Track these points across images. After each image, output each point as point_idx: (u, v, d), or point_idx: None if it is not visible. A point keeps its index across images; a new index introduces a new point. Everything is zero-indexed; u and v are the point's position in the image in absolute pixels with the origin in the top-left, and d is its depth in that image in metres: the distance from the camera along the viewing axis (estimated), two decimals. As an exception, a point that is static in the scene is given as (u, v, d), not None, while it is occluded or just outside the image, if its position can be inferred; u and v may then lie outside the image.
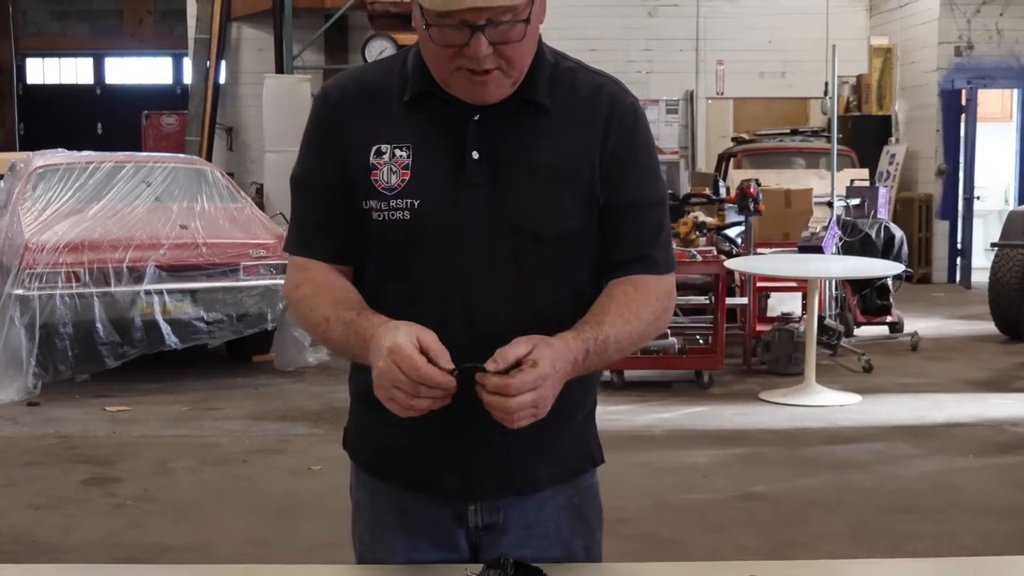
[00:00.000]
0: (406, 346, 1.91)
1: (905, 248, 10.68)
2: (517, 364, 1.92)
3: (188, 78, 16.88)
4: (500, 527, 2.20)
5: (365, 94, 2.16)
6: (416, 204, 2.09)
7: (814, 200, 11.22)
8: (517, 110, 2.10)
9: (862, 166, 14.19)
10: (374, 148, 2.11)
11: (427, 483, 2.19)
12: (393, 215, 2.09)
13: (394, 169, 2.10)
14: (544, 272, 2.12)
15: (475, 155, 2.08)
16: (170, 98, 19.91)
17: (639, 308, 2.12)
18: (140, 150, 15.51)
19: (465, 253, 2.09)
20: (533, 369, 1.92)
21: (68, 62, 21.65)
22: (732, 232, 10.13)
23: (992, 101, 15.57)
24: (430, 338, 1.94)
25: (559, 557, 2.20)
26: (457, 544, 2.21)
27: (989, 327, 10.73)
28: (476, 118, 2.09)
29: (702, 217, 9.79)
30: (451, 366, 1.92)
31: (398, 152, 2.11)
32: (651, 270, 2.17)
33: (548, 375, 1.94)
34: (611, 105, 2.15)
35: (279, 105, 13.97)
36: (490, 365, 1.92)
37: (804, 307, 9.20)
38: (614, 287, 2.15)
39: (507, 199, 2.09)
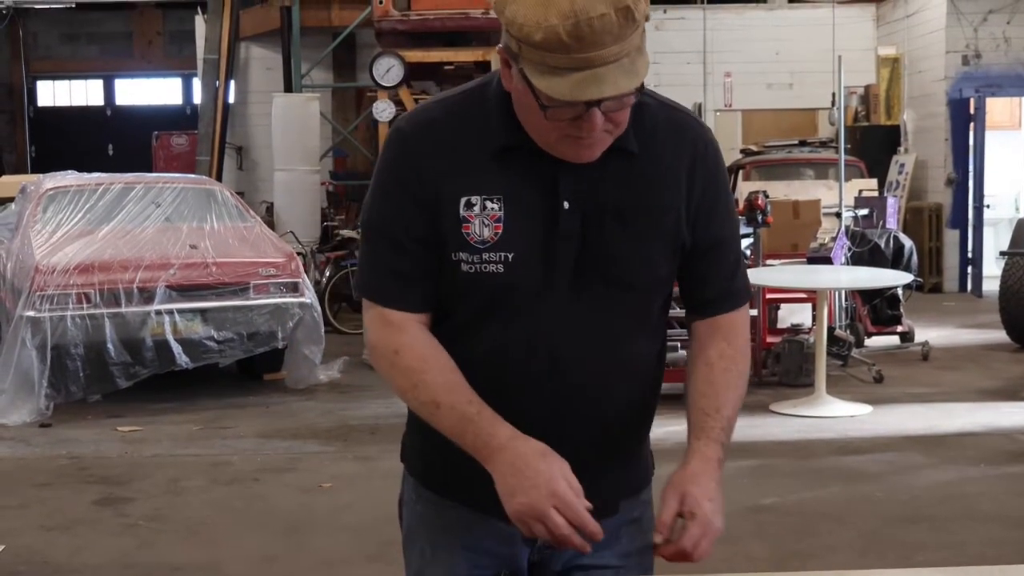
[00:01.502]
0: (567, 493, 1.95)
1: (915, 258, 10.67)
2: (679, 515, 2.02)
3: (198, 98, 16.94)
4: None
5: (446, 140, 2.07)
6: (510, 257, 2.04)
7: (823, 211, 11.22)
8: (606, 157, 2.04)
9: (871, 176, 14.16)
10: (463, 200, 2.05)
11: (500, 510, 2.09)
12: (486, 268, 2.05)
13: (486, 222, 2.04)
14: (629, 318, 2.13)
15: (566, 205, 2.04)
16: (180, 118, 20.00)
17: (739, 364, 2.19)
18: (151, 170, 15.58)
19: (554, 303, 2.07)
20: (694, 521, 2.00)
21: (78, 84, 21.77)
22: (741, 244, 10.12)
23: (1000, 109, 15.55)
24: (572, 477, 1.97)
25: (616, 566, 2.23)
26: (518, 561, 2.22)
27: (1000, 336, 10.71)
28: (566, 168, 2.03)
29: (711, 229, 9.77)
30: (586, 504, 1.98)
31: (489, 204, 2.05)
32: (736, 305, 2.21)
33: (707, 511, 2.01)
34: (694, 146, 2.12)
35: (288, 124, 14.01)
36: (658, 539, 2.00)
37: (814, 318, 9.19)
38: (709, 346, 2.18)
39: (598, 249, 2.06)
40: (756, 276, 8.98)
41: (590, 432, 2.12)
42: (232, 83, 16.21)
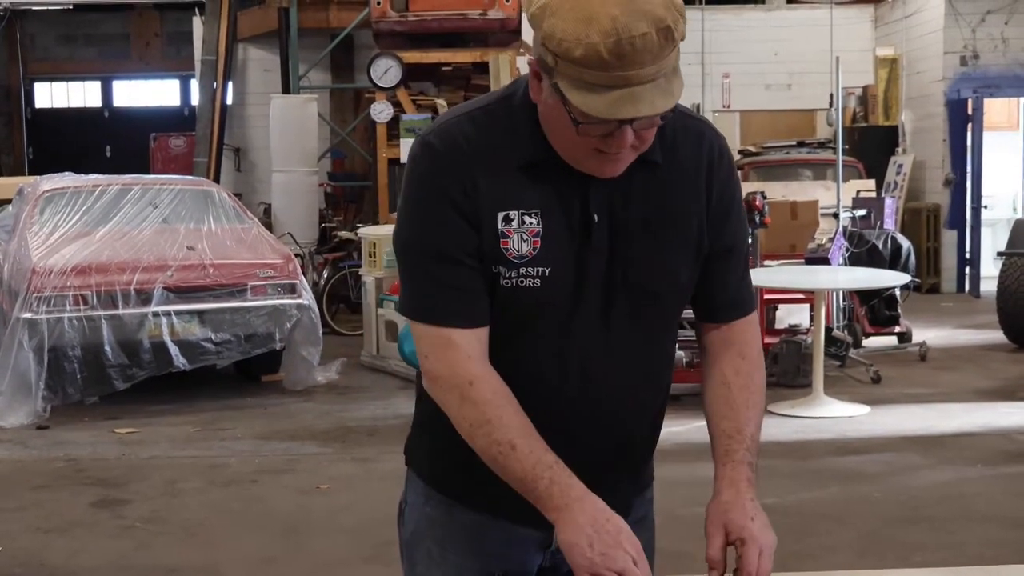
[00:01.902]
0: (640, 553, 1.94)
1: (912, 258, 10.67)
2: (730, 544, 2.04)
3: (195, 100, 16.93)
4: None
5: (477, 154, 2.04)
6: (548, 272, 2.04)
7: (820, 212, 11.21)
8: (631, 167, 2.04)
9: (869, 177, 14.17)
10: (502, 215, 2.03)
11: (526, 516, 2.09)
12: (523, 282, 2.04)
13: (525, 237, 2.03)
14: (654, 328, 2.14)
15: (596, 218, 2.05)
16: (178, 120, 19.99)
17: (755, 379, 2.21)
18: (149, 172, 15.59)
19: (586, 314, 2.07)
20: (745, 547, 2.01)
21: (76, 86, 21.76)
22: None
23: (998, 110, 15.56)
24: (640, 556, 1.96)
25: None
26: (529, 564, 2.22)
27: (998, 336, 10.71)
28: (595, 181, 2.03)
29: (708, 230, 9.78)
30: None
31: (527, 219, 2.04)
32: (745, 312, 2.23)
33: (755, 531, 2.03)
34: (710, 153, 2.14)
35: (286, 125, 14.00)
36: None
37: (812, 319, 9.18)
38: (724, 364, 2.20)
39: (626, 259, 2.07)
40: (754, 277, 8.93)
41: (613, 441, 2.15)
42: (230, 84, 16.20)
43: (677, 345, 7.04)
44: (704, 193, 2.12)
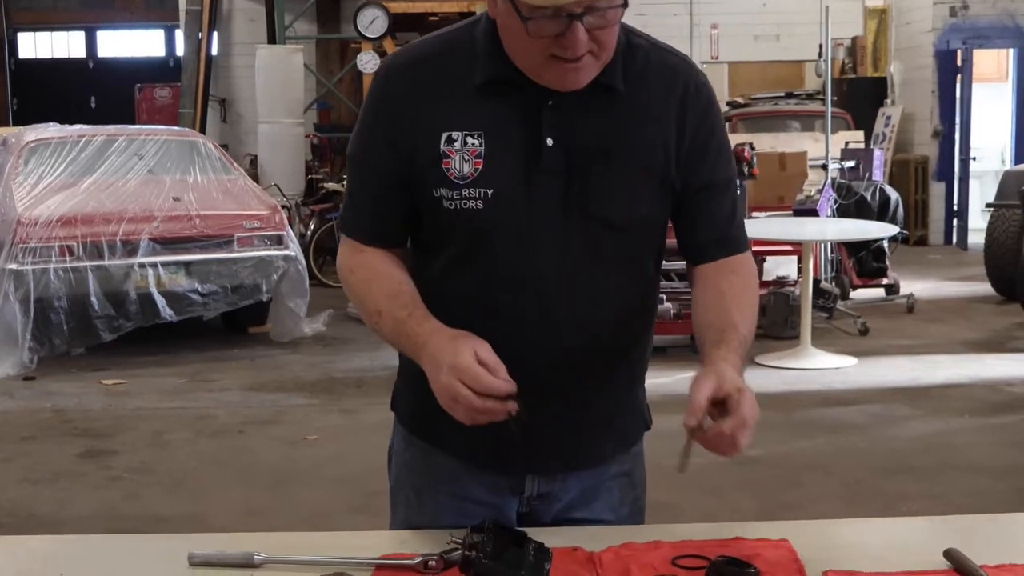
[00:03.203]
0: (469, 365, 1.88)
1: (900, 210, 10.67)
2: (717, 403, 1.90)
3: (180, 50, 16.80)
4: (554, 495, 2.20)
5: (431, 77, 2.07)
6: (490, 193, 2.02)
7: (809, 163, 11.19)
8: (591, 94, 2.02)
9: (857, 128, 14.15)
10: (444, 135, 2.03)
11: (490, 458, 2.15)
12: (466, 204, 2.03)
13: (466, 158, 2.03)
14: (615, 258, 2.09)
15: (550, 141, 2.02)
16: (163, 70, 19.83)
17: (749, 295, 2.14)
18: (134, 123, 15.45)
19: (538, 240, 2.04)
20: (744, 395, 1.89)
21: (60, 36, 21.56)
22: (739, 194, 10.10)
23: (988, 61, 15.52)
24: (486, 352, 1.91)
25: (609, 521, 2.21)
26: (507, 510, 2.20)
27: (985, 288, 10.73)
28: (550, 103, 2.02)
29: (697, 182, 9.76)
30: (513, 384, 1.90)
31: (470, 140, 2.03)
32: (736, 250, 2.16)
33: (749, 393, 1.92)
34: (685, 86, 2.10)
35: (272, 76, 13.90)
36: (691, 421, 1.87)
37: (799, 270, 9.19)
38: (717, 277, 2.13)
39: (582, 186, 2.04)
40: (742, 228, 8.98)
41: (577, 371, 2.09)
42: (215, 35, 16.08)
43: (665, 297, 7.03)
44: (674, 127, 2.08)
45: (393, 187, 2.09)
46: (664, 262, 2.24)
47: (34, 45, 21.59)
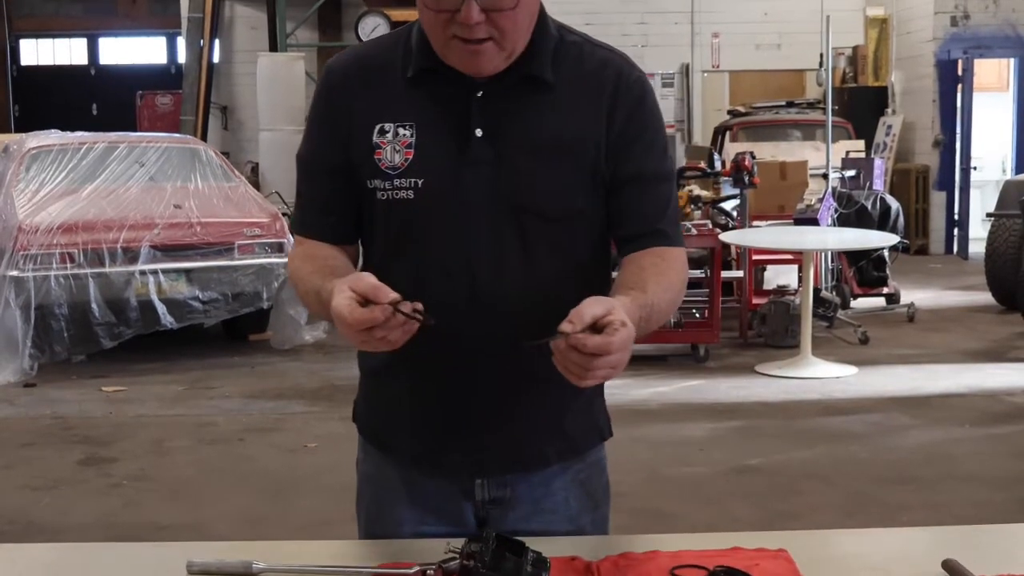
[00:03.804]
0: (340, 304, 1.88)
1: (901, 219, 10.66)
2: (593, 326, 1.83)
3: (182, 58, 16.82)
4: (508, 502, 2.20)
5: (368, 72, 2.14)
6: (420, 183, 2.06)
7: (810, 172, 11.19)
8: (521, 86, 2.07)
9: (858, 137, 14.13)
10: (377, 127, 2.09)
11: (434, 459, 2.18)
12: (397, 194, 2.08)
13: (398, 148, 2.08)
14: (549, 249, 2.09)
15: (479, 132, 2.06)
16: (164, 78, 19.85)
17: (671, 277, 2.10)
18: (135, 130, 15.49)
19: (470, 231, 2.07)
20: (625, 329, 1.83)
21: (62, 43, 21.57)
22: (727, 205, 10.12)
23: (989, 71, 15.50)
24: (362, 284, 1.89)
25: (567, 531, 2.19)
26: (464, 518, 2.20)
27: (986, 297, 10.72)
28: (479, 95, 2.06)
29: (697, 191, 9.78)
30: (388, 298, 1.87)
31: (401, 131, 2.08)
32: (665, 242, 2.14)
33: (631, 337, 1.85)
34: (617, 79, 2.12)
35: (273, 83, 13.92)
36: (567, 327, 1.82)
37: (800, 279, 9.18)
38: (641, 258, 2.11)
39: (511, 177, 2.06)
40: (742, 237, 9.00)
41: (511, 364, 2.05)
42: (217, 42, 16.11)
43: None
44: (605, 119, 2.10)
45: (338, 183, 2.14)
46: None
47: (36, 52, 21.61)
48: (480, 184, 2.06)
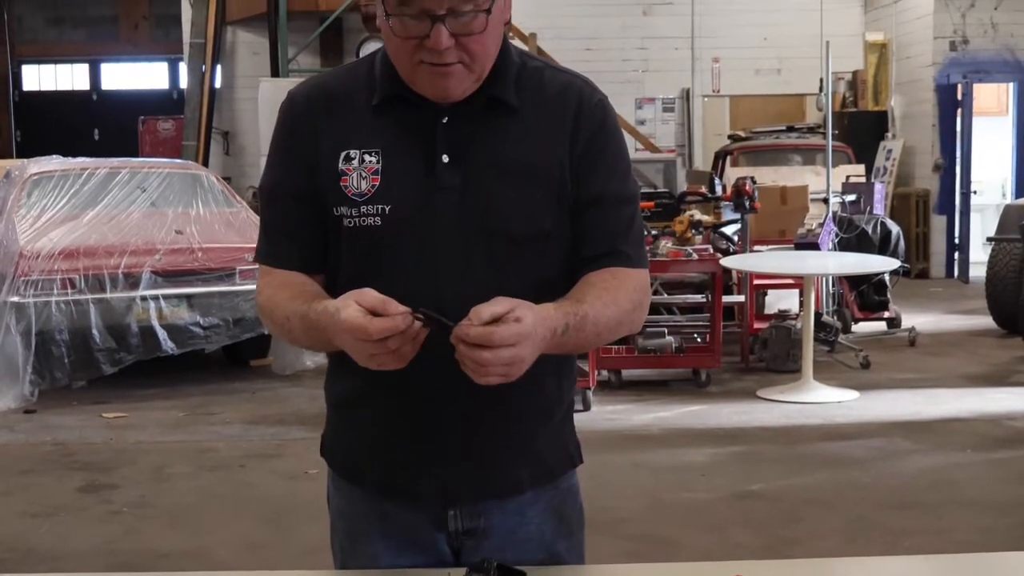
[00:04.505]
0: (352, 317, 1.88)
1: (902, 243, 10.67)
2: (494, 322, 1.86)
3: (184, 83, 16.87)
4: (481, 531, 2.18)
5: (331, 99, 2.14)
6: (387, 209, 2.06)
7: (810, 197, 11.20)
8: (485, 110, 2.08)
9: (858, 162, 14.16)
10: (343, 154, 2.09)
11: (405, 489, 2.16)
12: (364, 221, 2.07)
13: (364, 175, 2.08)
14: (517, 272, 2.08)
15: (445, 158, 2.06)
16: (166, 103, 19.90)
17: (617, 294, 2.09)
18: (137, 155, 15.51)
19: (437, 256, 2.07)
20: (517, 324, 1.86)
21: (64, 68, 21.64)
22: (728, 230, 10.12)
23: (988, 95, 15.54)
24: (368, 297, 1.90)
25: (542, 559, 2.18)
26: (438, 548, 2.19)
27: (987, 321, 10.72)
28: (445, 120, 2.07)
29: (698, 215, 9.78)
30: (401, 309, 1.88)
31: (367, 157, 2.08)
32: (624, 263, 2.13)
33: (529, 334, 1.88)
34: (579, 103, 2.13)
35: (275, 109, 13.35)
36: (463, 322, 1.86)
37: (801, 304, 9.18)
38: (592, 275, 2.11)
39: (478, 201, 2.07)
40: (744, 262, 9.00)
41: (482, 391, 1.98)
42: (218, 68, 16.14)
43: (666, 331, 7.04)
44: (568, 142, 2.11)
45: (304, 210, 2.13)
46: (665, 295, 2.23)
47: (38, 78, 21.67)
48: (447, 209, 2.06)
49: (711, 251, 9.12)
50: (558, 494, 2.25)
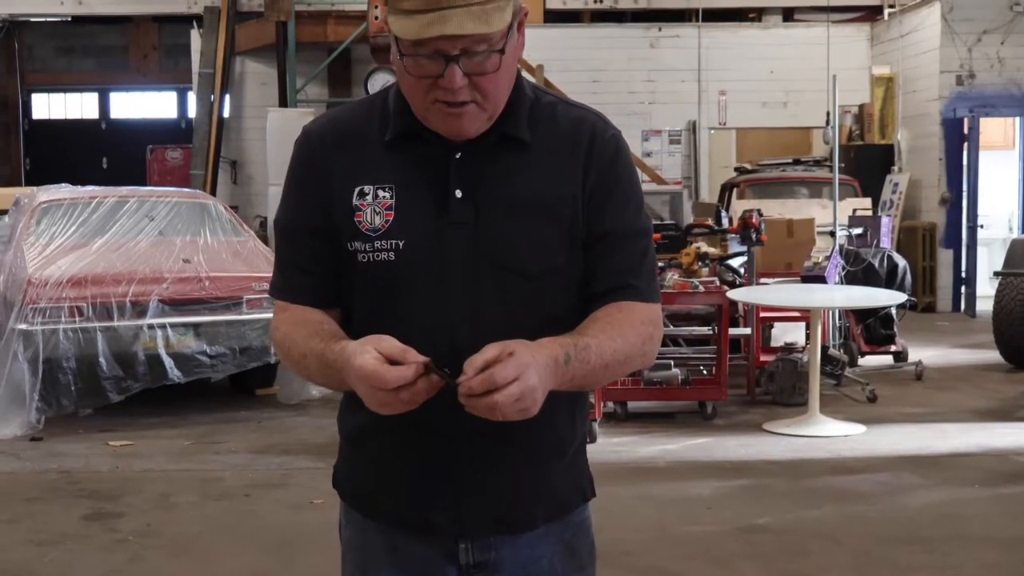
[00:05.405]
0: (369, 364, 1.90)
1: (908, 277, 10.68)
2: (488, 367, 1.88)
3: (192, 112, 16.95)
4: (492, 565, 2.18)
5: (345, 135, 2.16)
6: (401, 244, 2.08)
7: (817, 230, 11.22)
8: (498, 146, 2.10)
9: (865, 195, 14.19)
10: (357, 189, 2.11)
11: (418, 521, 2.16)
12: (378, 256, 2.09)
13: (378, 210, 2.09)
14: (529, 307, 2.09)
15: (458, 193, 2.08)
16: (175, 132, 19.98)
17: (623, 327, 2.09)
18: (145, 184, 15.56)
19: (451, 291, 2.07)
20: (512, 358, 1.87)
21: (73, 97, 21.73)
22: (735, 262, 10.14)
23: (994, 129, 15.59)
24: (387, 344, 1.92)
25: None
26: None
27: (994, 356, 10.70)
28: (458, 156, 2.08)
29: (705, 248, 9.79)
30: (419, 359, 1.90)
31: (381, 193, 2.10)
32: (634, 298, 2.14)
33: (529, 363, 1.88)
34: (591, 137, 2.14)
35: (283, 138, 13.96)
36: (462, 377, 1.88)
37: (808, 337, 9.18)
38: (601, 309, 2.12)
39: (491, 236, 2.08)
40: (750, 295, 9.00)
41: (494, 426, 1.98)
42: (227, 97, 16.22)
43: (673, 363, 7.03)
44: (581, 176, 2.12)
45: (319, 245, 2.15)
46: (671, 327, 2.24)
47: (48, 106, 21.76)
48: (460, 244, 2.07)
49: (717, 283, 9.11)
50: (570, 528, 2.25)
